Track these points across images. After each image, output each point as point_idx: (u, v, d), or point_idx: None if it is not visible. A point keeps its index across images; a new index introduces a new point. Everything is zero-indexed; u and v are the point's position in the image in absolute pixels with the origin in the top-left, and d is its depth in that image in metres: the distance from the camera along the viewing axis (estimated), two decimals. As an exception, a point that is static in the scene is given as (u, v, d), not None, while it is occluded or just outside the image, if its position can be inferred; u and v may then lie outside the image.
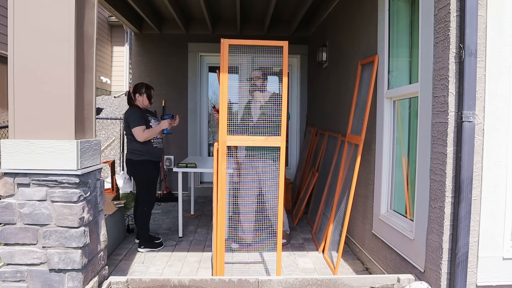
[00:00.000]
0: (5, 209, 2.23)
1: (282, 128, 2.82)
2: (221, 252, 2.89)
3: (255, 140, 2.92)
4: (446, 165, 2.17)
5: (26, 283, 2.26)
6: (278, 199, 2.87)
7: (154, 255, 3.66)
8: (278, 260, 2.90)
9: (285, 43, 2.79)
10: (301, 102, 6.44)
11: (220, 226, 2.88)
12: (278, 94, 3.04)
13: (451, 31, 2.13)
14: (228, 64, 2.82)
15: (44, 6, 2.23)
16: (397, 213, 2.99)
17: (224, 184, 2.89)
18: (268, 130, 2.99)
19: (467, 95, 2.10)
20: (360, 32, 3.64)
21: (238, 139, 2.92)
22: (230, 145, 2.93)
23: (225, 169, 2.87)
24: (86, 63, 2.41)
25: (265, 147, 3.00)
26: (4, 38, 6.75)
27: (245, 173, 3.51)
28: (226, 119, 2.84)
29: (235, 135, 2.92)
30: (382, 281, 2.51)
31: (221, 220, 2.88)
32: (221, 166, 2.86)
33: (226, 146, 2.86)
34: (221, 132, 2.84)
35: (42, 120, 2.25)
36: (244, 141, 2.93)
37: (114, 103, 10.54)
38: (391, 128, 3.06)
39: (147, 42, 6.22)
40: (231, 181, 3.47)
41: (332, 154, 4.22)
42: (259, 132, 2.97)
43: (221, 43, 2.81)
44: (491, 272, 2.23)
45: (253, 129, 3.04)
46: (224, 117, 2.83)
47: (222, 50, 2.81)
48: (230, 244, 3.70)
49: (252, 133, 2.95)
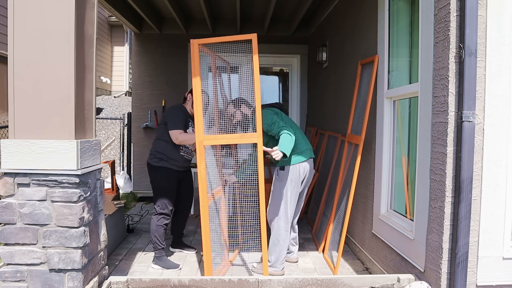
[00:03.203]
0: (5, 209, 2.23)
1: (258, 124, 2.80)
2: (207, 252, 2.88)
3: (230, 138, 2.92)
4: (446, 165, 2.17)
5: (26, 283, 2.26)
6: (259, 198, 2.84)
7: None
8: (264, 260, 2.89)
9: (254, 35, 2.75)
10: (301, 102, 6.44)
11: (204, 227, 2.88)
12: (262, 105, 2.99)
13: (451, 31, 2.13)
14: (199, 65, 2.81)
15: (44, 6, 2.23)
16: (397, 213, 2.99)
17: (205, 184, 2.88)
18: (244, 127, 2.99)
19: (467, 95, 2.10)
20: (360, 32, 3.64)
21: (214, 138, 2.92)
22: (207, 145, 2.92)
23: (204, 169, 2.87)
24: (86, 63, 2.41)
25: None
26: (4, 38, 6.75)
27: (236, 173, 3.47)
28: (202, 120, 2.85)
29: (210, 135, 2.93)
30: (382, 281, 2.51)
31: (204, 220, 2.88)
32: (200, 166, 2.86)
33: (203, 146, 2.87)
34: (197, 133, 2.85)
35: (42, 120, 2.25)
36: (219, 139, 2.93)
37: (114, 103, 10.54)
38: (391, 128, 3.06)
39: (147, 42, 6.22)
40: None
41: (332, 154, 4.22)
42: (235, 130, 2.96)
43: (191, 44, 2.80)
44: (491, 272, 2.23)
45: (230, 128, 3.06)
46: (200, 118, 2.84)
47: (192, 51, 2.80)
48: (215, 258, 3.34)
49: (229, 131, 2.95)
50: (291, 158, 3.13)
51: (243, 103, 3.25)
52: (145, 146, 6.19)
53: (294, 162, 3.14)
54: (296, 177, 3.14)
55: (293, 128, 3.21)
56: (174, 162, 3.37)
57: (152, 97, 6.20)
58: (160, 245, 3.33)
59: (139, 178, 6.20)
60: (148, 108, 6.18)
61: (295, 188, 3.16)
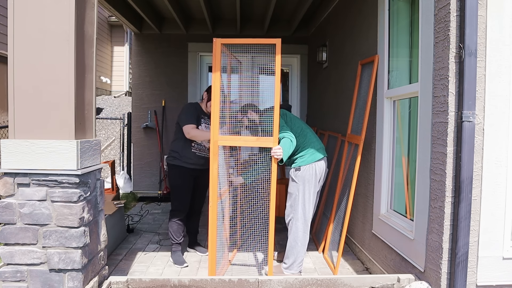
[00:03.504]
0: (5, 209, 2.23)
1: (275, 128, 2.81)
2: (213, 251, 2.88)
3: (247, 140, 2.91)
4: (446, 165, 2.17)
5: (26, 283, 2.26)
6: (270, 200, 2.85)
7: (154, 255, 3.66)
8: (269, 261, 2.89)
9: (278, 40, 2.76)
10: (301, 102, 6.44)
11: (211, 226, 2.88)
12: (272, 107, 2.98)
13: (451, 31, 2.13)
14: (220, 64, 2.81)
15: (44, 6, 2.23)
16: (397, 213, 2.99)
17: (216, 183, 2.88)
18: (261, 130, 2.99)
19: (467, 95, 2.10)
20: (360, 32, 3.64)
21: (230, 139, 2.91)
22: (221, 145, 2.92)
23: (216, 169, 2.87)
24: (86, 63, 2.41)
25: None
26: (4, 38, 6.75)
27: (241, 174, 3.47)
28: (218, 119, 2.85)
29: (227, 135, 2.92)
30: (382, 281, 2.51)
31: (212, 220, 2.88)
32: (213, 165, 2.86)
33: (217, 145, 2.87)
34: (213, 132, 2.85)
35: (42, 120, 2.25)
36: (235, 141, 2.92)
37: (114, 103, 10.54)
38: (391, 128, 3.06)
39: (147, 42, 6.22)
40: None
41: (332, 154, 4.22)
42: (252, 133, 2.94)
43: (214, 43, 2.81)
44: (491, 272, 2.23)
45: (246, 130, 3.05)
46: (216, 117, 2.84)
47: (214, 50, 2.81)
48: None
49: (244, 133, 2.95)
50: (306, 157, 3.10)
51: (250, 109, 3.23)
52: (145, 146, 6.19)
53: (310, 162, 3.10)
54: (313, 177, 3.10)
55: (304, 129, 3.20)
56: (187, 160, 3.42)
57: (152, 97, 6.20)
58: (174, 239, 3.46)
59: (139, 178, 6.20)
60: (148, 108, 6.18)
61: (313, 188, 3.11)
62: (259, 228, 3.14)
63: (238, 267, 3.39)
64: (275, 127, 2.80)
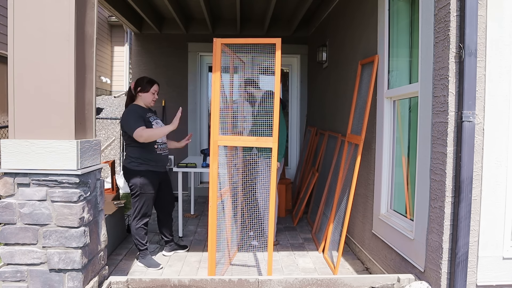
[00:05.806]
0: (5, 209, 2.23)
1: (274, 128, 2.80)
2: (212, 252, 2.88)
3: (246, 140, 2.91)
4: (446, 165, 2.17)
5: (26, 283, 2.26)
6: (270, 199, 2.85)
7: (154, 255, 3.66)
8: (269, 261, 2.89)
9: (278, 40, 2.76)
10: (301, 102, 6.44)
11: (211, 226, 2.88)
12: (272, 92, 3.01)
13: (451, 31, 2.13)
14: (220, 64, 2.81)
15: (44, 6, 2.23)
16: (397, 213, 2.99)
17: (216, 183, 2.88)
18: (260, 130, 3.00)
19: (467, 95, 2.10)
20: (360, 32, 3.64)
21: (229, 139, 2.91)
22: (221, 145, 2.92)
23: (216, 169, 2.87)
24: (86, 63, 2.41)
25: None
26: (4, 38, 6.75)
27: (239, 173, 3.49)
28: (218, 119, 2.85)
29: (226, 135, 2.92)
30: (382, 281, 2.51)
31: (212, 219, 2.88)
32: (213, 165, 2.86)
33: (217, 145, 2.87)
34: (213, 132, 2.85)
35: (42, 120, 2.25)
36: (235, 141, 2.92)
37: (114, 103, 10.54)
38: (391, 128, 3.06)
39: (147, 42, 6.22)
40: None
41: (332, 154, 4.22)
42: (251, 133, 2.95)
43: (214, 43, 2.81)
44: (491, 272, 2.23)
45: (245, 130, 3.05)
46: (216, 117, 2.83)
47: (215, 50, 2.81)
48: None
49: (244, 133, 2.95)
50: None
51: (250, 85, 3.27)
52: (145, 146, 6.18)
53: None
54: None
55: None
56: (154, 163, 3.30)
57: (152, 97, 6.19)
58: (142, 245, 3.36)
59: (139, 178, 6.19)
60: (148, 108, 6.17)
61: None
62: (258, 228, 3.16)
63: (238, 267, 3.39)
64: (275, 127, 2.81)
